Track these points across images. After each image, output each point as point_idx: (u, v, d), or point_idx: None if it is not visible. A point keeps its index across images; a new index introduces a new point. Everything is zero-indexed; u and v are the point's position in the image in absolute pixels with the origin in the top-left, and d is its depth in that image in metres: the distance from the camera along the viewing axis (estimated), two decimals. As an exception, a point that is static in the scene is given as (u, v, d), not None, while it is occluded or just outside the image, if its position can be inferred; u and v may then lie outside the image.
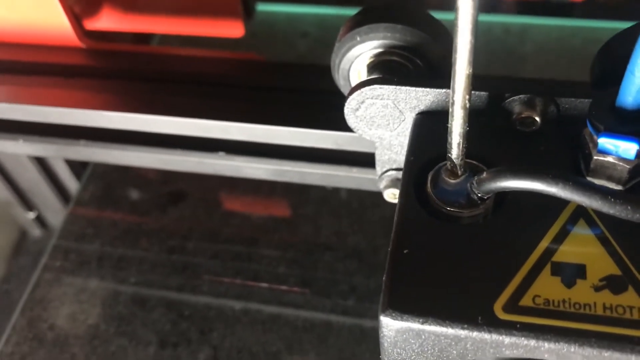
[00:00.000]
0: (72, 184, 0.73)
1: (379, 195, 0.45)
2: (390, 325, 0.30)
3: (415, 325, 0.29)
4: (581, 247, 0.31)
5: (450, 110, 0.30)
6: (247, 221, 0.62)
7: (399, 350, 0.31)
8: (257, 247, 0.60)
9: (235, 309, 0.56)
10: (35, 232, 0.80)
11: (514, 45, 0.72)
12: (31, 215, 0.78)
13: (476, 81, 0.30)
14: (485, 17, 0.74)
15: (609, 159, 0.31)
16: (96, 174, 0.69)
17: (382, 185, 0.44)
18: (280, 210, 0.63)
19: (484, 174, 0.31)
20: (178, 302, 0.57)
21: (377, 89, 0.37)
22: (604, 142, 0.30)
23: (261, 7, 0.78)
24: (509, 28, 0.73)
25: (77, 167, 0.72)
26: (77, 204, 0.67)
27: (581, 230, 0.31)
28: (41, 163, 0.71)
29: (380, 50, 0.40)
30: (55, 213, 0.76)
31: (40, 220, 0.79)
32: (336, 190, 0.62)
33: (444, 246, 0.31)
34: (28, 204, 0.77)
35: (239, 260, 0.59)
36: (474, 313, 0.29)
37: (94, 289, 0.59)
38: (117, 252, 0.62)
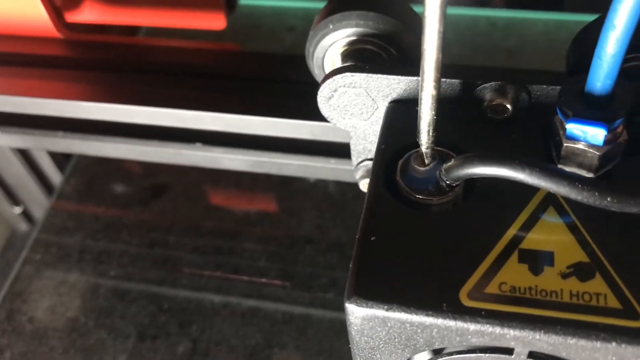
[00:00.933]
0: (56, 178, 0.73)
1: (361, 187, 0.45)
2: (356, 313, 0.30)
3: (380, 312, 0.29)
4: (550, 234, 0.31)
5: (420, 97, 0.30)
6: (228, 214, 0.62)
7: (366, 338, 0.31)
8: (238, 241, 0.59)
9: (214, 302, 0.56)
10: (22, 226, 0.80)
11: (499, 38, 0.71)
12: (17, 210, 0.78)
13: (447, 69, 0.30)
14: (471, 11, 0.74)
15: (580, 145, 0.31)
16: (79, 167, 0.69)
17: (358, 175, 0.44)
18: (262, 204, 0.63)
19: (452, 161, 0.31)
20: (158, 295, 0.57)
21: (349, 76, 0.36)
22: (572, 127, 0.30)
23: (248, 1, 0.78)
24: (494, 22, 0.73)
25: (61, 160, 0.72)
26: (60, 197, 0.67)
27: (550, 217, 0.31)
28: (25, 157, 0.71)
29: (353, 38, 0.40)
30: (41, 207, 0.76)
31: (26, 215, 0.79)
32: (318, 183, 0.62)
33: (412, 233, 0.31)
34: (14, 199, 0.77)
35: (219, 253, 0.59)
36: (439, 300, 0.29)
37: (74, 281, 0.59)
38: (98, 245, 0.62)
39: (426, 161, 0.32)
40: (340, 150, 0.47)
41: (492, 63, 0.69)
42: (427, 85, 0.29)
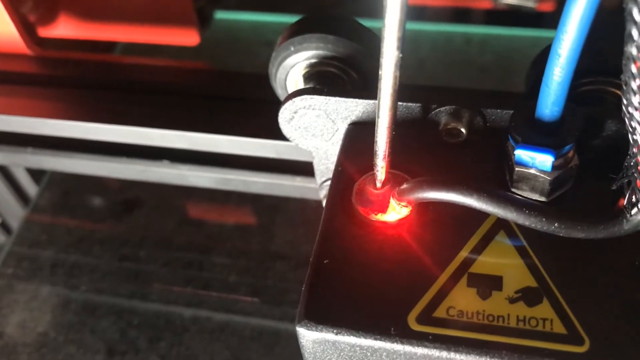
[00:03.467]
0: (33, 190, 0.73)
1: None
2: (307, 336, 0.30)
3: (329, 335, 0.29)
4: (499, 258, 0.31)
5: (376, 121, 0.30)
6: (200, 229, 0.62)
7: (319, 361, 0.31)
8: (209, 255, 0.60)
9: (184, 317, 0.56)
10: (0, 238, 0.79)
11: (474, 55, 0.72)
12: (-4, 222, 0.78)
13: (404, 92, 0.30)
14: (447, 27, 0.74)
15: (531, 170, 0.31)
16: (54, 180, 0.69)
17: (322, 194, 0.44)
18: (234, 218, 0.63)
19: (404, 185, 0.31)
20: (128, 311, 0.57)
21: (308, 99, 0.37)
22: (521, 154, 0.30)
23: (226, 16, 0.78)
24: (470, 38, 0.73)
25: (37, 173, 0.72)
26: (34, 210, 0.67)
27: (501, 241, 0.31)
28: (1, 169, 0.71)
29: (314, 60, 0.40)
30: (18, 219, 0.75)
31: (4, 227, 0.79)
32: (290, 199, 0.62)
33: (365, 256, 0.31)
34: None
35: (190, 268, 0.59)
36: (387, 324, 0.29)
37: (46, 296, 0.59)
38: (70, 259, 0.61)
39: (380, 184, 0.32)
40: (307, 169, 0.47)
41: (466, 79, 0.69)
42: (383, 112, 0.29)
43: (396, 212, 0.32)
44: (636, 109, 0.25)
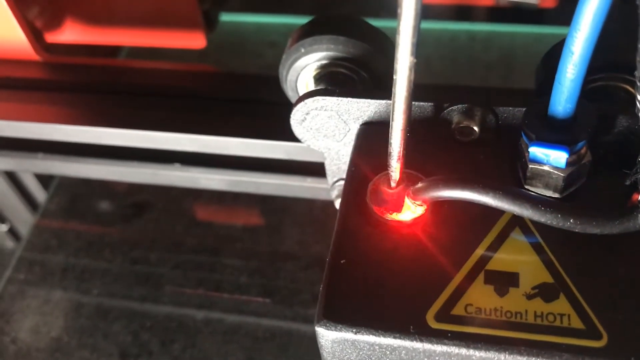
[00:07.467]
0: (41, 196, 0.73)
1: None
2: (326, 336, 0.30)
3: (349, 335, 0.29)
4: (515, 255, 0.31)
5: (391, 120, 0.30)
6: (210, 231, 0.62)
7: (338, 360, 0.32)
8: (219, 257, 0.60)
9: (196, 319, 0.56)
10: (9, 244, 0.80)
11: (479, 52, 0.72)
12: (3, 227, 0.78)
13: (416, 91, 0.30)
14: (451, 25, 0.75)
15: (544, 167, 0.31)
16: (63, 185, 0.69)
17: (334, 194, 0.44)
18: (243, 220, 0.63)
19: (419, 184, 0.31)
20: (140, 313, 0.57)
21: (320, 100, 0.37)
22: (535, 151, 0.31)
23: (230, 18, 0.78)
24: (474, 35, 0.74)
25: (46, 179, 0.72)
26: (43, 215, 0.67)
27: (516, 238, 0.32)
28: (10, 176, 0.71)
29: (325, 62, 0.40)
30: (26, 225, 0.76)
31: (12, 232, 0.79)
32: (297, 200, 0.62)
33: (381, 256, 0.32)
34: None
35: (201, 270, 0.59)
36: (406, 322, 0.29)
37: (57, 300, 0.59)
38: (81, 263, 0.62)
39: (395, 184, 0.33)
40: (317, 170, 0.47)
41: (471, 76, 0.70)
42: (398, 110, 0.29)
43: (411, 211, 0.32)
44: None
